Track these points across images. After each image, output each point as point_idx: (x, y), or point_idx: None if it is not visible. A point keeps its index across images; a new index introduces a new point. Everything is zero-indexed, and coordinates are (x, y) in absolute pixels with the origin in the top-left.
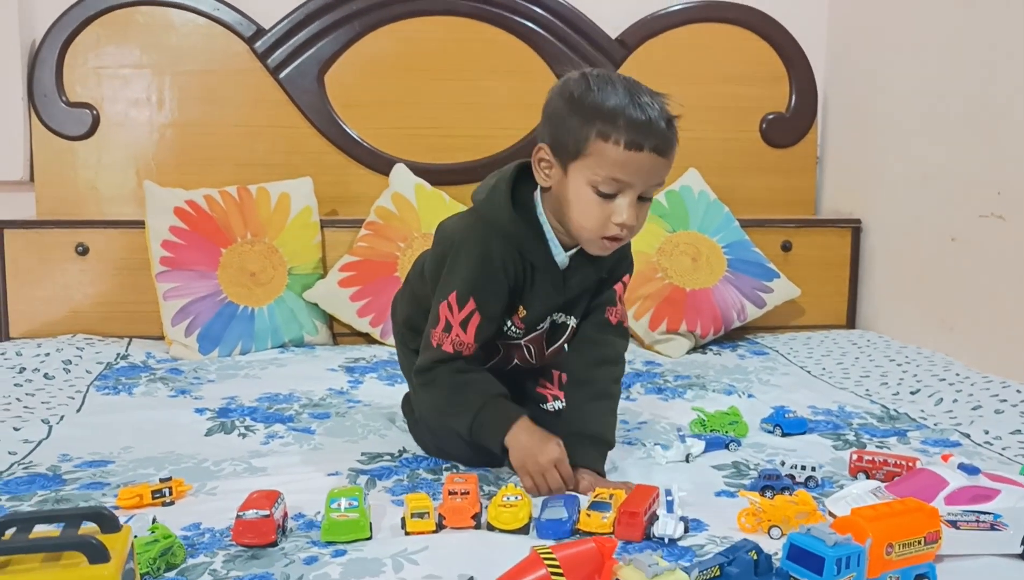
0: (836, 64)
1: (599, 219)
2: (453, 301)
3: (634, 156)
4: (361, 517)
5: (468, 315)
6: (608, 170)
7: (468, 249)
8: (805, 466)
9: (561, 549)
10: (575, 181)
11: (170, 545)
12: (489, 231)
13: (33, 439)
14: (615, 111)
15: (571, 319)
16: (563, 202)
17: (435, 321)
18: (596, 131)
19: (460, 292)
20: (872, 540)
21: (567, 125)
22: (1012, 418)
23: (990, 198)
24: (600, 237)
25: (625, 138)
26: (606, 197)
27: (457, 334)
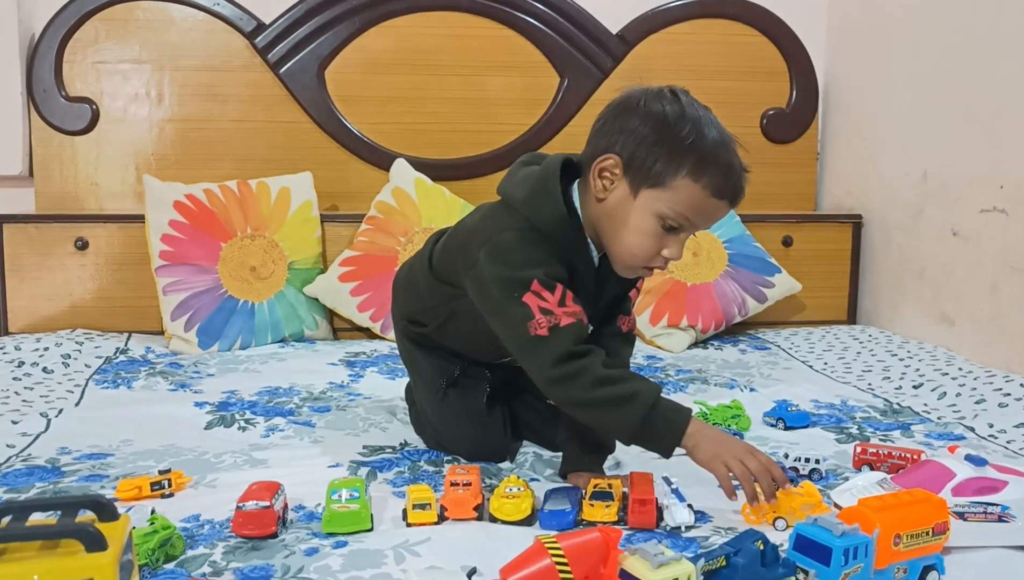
0: (836, 59)
1: (651, 249)
2: (539, 288)
3: (715, 203)
4: (362, 508)
5: (563, 294)
6: (685, 210)
7: (520, 245)
8: (809, 458)
9: (566, 538)
10: (643, 208)
11: (169, 536)
12: (533, 233)
13: (31, 432)
14: (711, 154)
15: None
16: (616, 221)
17: (526, 315)
18: (688, 169)
19: (541, 280)
20: (879, 531)
21: (655, 150)
22: (1016, 411)
23: (992, 192)
24: (644, 266)
25: (713, 185)
26: (667, 232)
27: (566, 310)
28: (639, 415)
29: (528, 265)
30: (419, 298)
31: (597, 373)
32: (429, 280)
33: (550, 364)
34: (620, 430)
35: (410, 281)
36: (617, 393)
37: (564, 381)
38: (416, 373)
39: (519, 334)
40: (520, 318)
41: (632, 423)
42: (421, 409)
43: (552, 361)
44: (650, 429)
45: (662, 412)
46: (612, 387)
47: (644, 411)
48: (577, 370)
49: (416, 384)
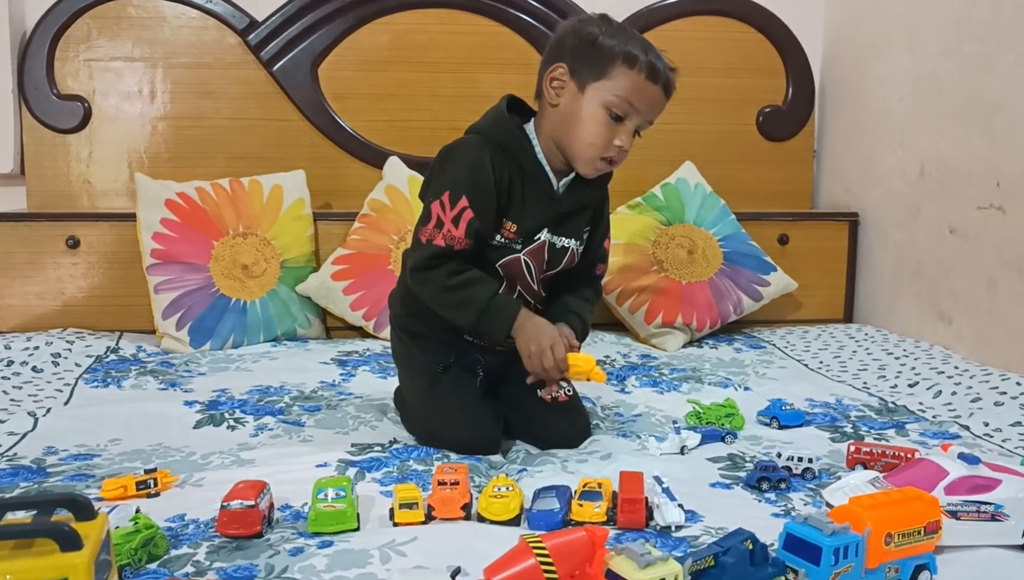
0: (832, 56)
1: (604, 138)
2: (446, 200)
3: (650, 87)
4: (348, 508)
5: (460, 212)
6: (626, 93)
7: (459, 155)
8: (802, 458)
9: (551, 538)
10: (591, 100)
11: (152, 536)
12: (481, 141)
13: (18, 431)
14: (641, 46)
15: (570, 241)
16: (571, 118)
17: (426, 219)
18: (623, 57)
19: (452, 192)
20: (871, 530)
21: (595, 48)
22: (1012, 410)
23: (989, 190)
24: (599, 156)
25: (647, 69)
26: (615, 120)
27: (449, 229)
28: (475, 314)
29: (451, 172)
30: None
31: (442, 283)
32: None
33: (411, 268)
34: (463, 325)
35: (401, 286)
36: (457, 298)
37: (417, 285)
38: (409, 365)
39: (415, 229)
40: (422, 218)
41: (471, 320)
42: (412, 403)
43: (413, 266)
44: (485, 323)
45: (493, 310)
46: (452, 294)
47: (478, 312)
48: (426, 279)
49: (407, 377)
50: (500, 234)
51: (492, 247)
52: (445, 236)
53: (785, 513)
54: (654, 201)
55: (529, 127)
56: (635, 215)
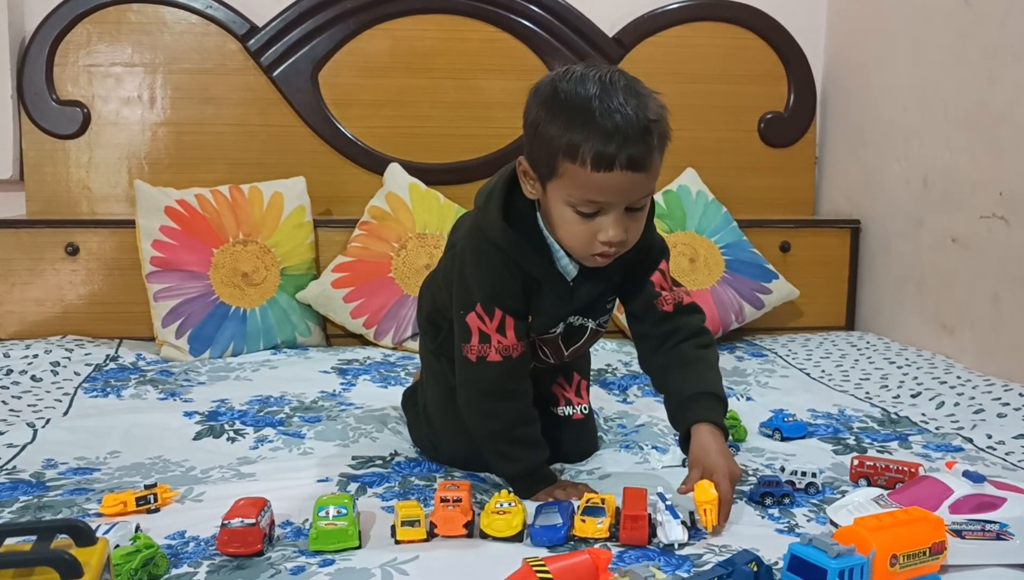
0: (835, 63)
1: (584, 237)
2: (481, 312)
3: (604, 177)
4: (350, 525)
5: (501, 321)
6: (581, 192)
7: (474, 260)
8: (805, 472)
9: (554, 561)
10: (554, 200)
11: (152, 555)
12: (488, 244)
13: (17, 443)
14: (583, 124)
15: (589, 322)
16: (549, 217)
17: (466, 335)
18: (563, 151)
19: (484, 303)
20: (876, 551)
21: (539, 141)
22: (1015, 422)
23: (991, 199)
24: (590, 254)
25: (592, 157)
26: (587, 217)
27: (499, 341)
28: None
29: (475, 284)
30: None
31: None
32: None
33: (472, 394)
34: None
35: (432, 281)
36: (507, 452)
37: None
38: (432, 372)
39: (459, 351)
40: (460, 334)
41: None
42: (425, 406)
43: (474, 392)
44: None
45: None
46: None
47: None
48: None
49: (430, 383)
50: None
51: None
52: (498, 349)
53: (789, 530)
54: (656, 209)
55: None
56: None
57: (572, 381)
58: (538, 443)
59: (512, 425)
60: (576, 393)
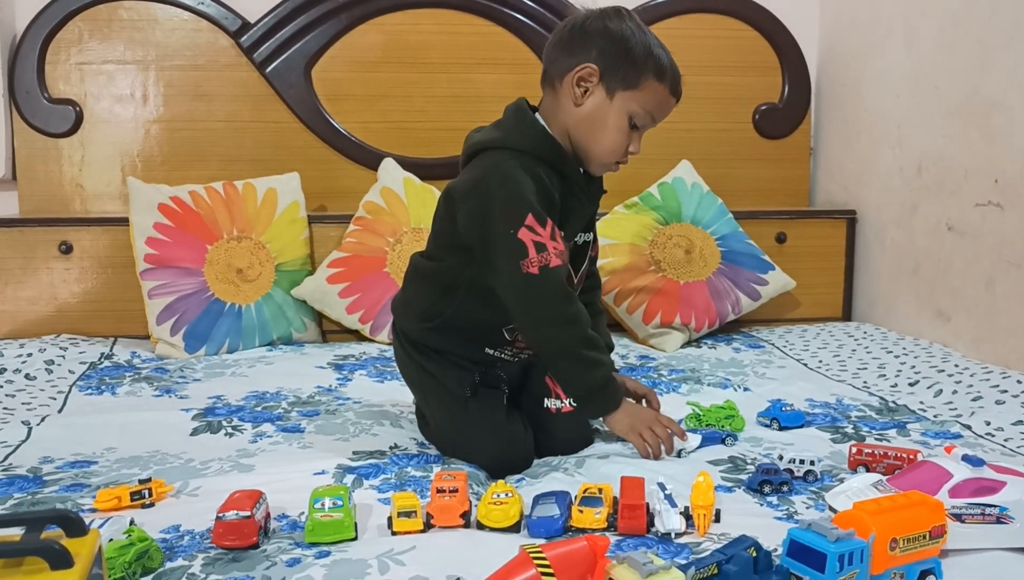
0: (829, 54)
1: (621, 146)
2: (533, 223)
3: (671, 100)
4: (346, 517)
5: (552, 229)
6: (652, 106)
7: (517, 176)
8: (804, 460)
9: (551, 548)
10: (618, 109)
11: (146, 548)
12: (526, 158)
13: (12, 442)
14: (666, 60)
15: (588, 235)
16: (595, 123)
17: (520, 251)
18: (654, 70)
19: (535, 214)
20: (875, 535)
21: (628, 56)
22: (1014, 409)
23: (987, 186)
24: (613, 161)
25: (671, 83)
26: (633, 129)
27: (554, 247)
28: (598, 383)
29: (523, 194)
30: (432, 283)
31: (585, 331)
32: (437, 257)
33: (547, 304)
34: (577, 386)
35: (417, 274)
36: (594, 357)
37: (560, 324)
38: (429, 391)
39: (513, 272)
40: (513, 253)
41: (591, 386)
42: (441, 429)
43: (550, 301)
44: (596, 397)
45: (611, 389)
46: (592, 350)
47: (603, 381)
48: (572, 317)
49: (430, 403)
50: None
51: None
52: (557, 254)
53: (788, 516)
54: (651, 201)
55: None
56: (632, 215)
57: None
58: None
59: (588, 327)
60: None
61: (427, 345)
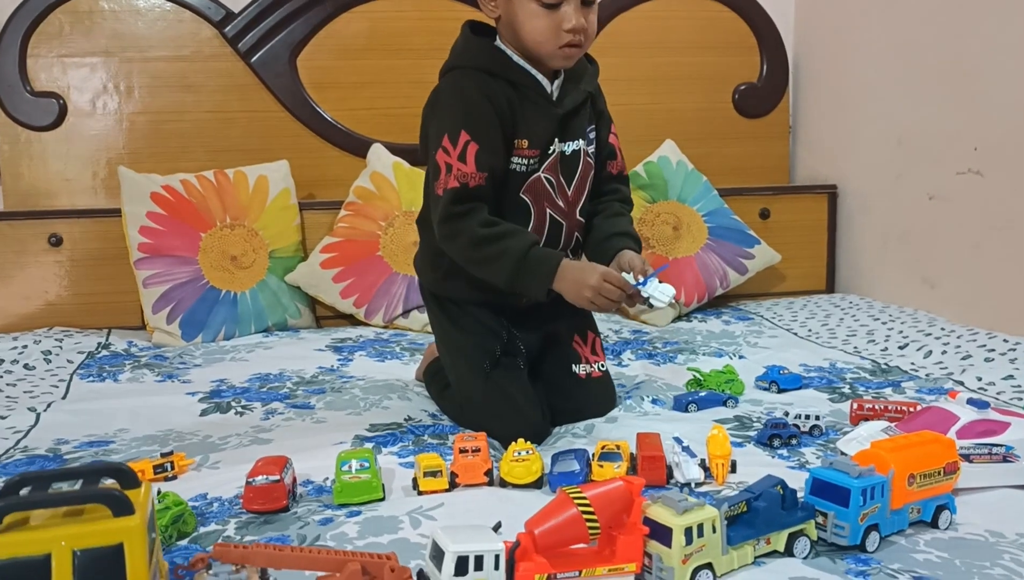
0: (805, 30)
1: (551, 29)
2: (447, 144)
3: None
4: (373, 478)
5: (463, 148)
6: None
7: (446, 97)
8: (809, 415)
9: (590, 488)
10: (519, 2)
11: (181, 512)
12: (463, 75)
13: (22, 427)
14: None
15: (579, 143)
16: (515, 27)
17: (435, 172)
18: None
19: (450, 132)
20: (895, 471)
21: None
22: (1002, 365)
23: (967, 155)
24: (558, 47)
25: None
26: (551, 8)
27: (459, 168)
28: (508, 268)
29: (446, 115)
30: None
31: (473, 234)
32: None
33: (437, 223)
34: (498, 282)
35: (420, 224)
36: (490, 252)
37: (446, 239)
38: (453, 353)
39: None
40: (432, 175)
41: (505, 275)
42: (461, 396)
43: (439, 220)
44: (522, 277)
45: (532, 262)
46: (486, 247)
47: (513, 264)
48: (456, 231)
49: (453, 364)
50: (516, 156)
51: (513, 174)
52: (457, 176)
53: (800, 466)
54: (637, 180)
55: (500, 45)
56: None
57: (587, 339)
58: (513, 232)
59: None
60: (592, 350)
61: (446, 297)
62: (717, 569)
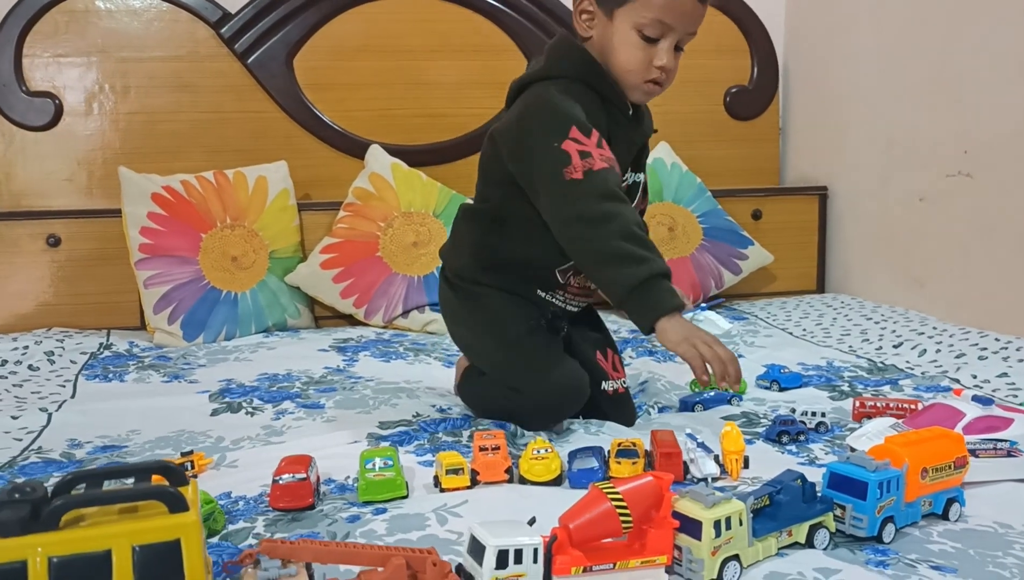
0: (795, 34)
1: (643, 62)
2: (577, 134)
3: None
4: (397, 476)
5: (599, 139)
6: (655, 12)
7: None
8: (815, 412)
9: (622, 483)
10: (621, 26)
11: (212, 511)
12: (564, 84)
13: (34, 427)
14: None
15: (641, 176)
16: (607, 50)
17: (563, 160)
18: None
19: (579, 125)
20: (909, 465)
21: None
22: (996, 363)
23: (957, 157)
24: (643, 81)
25: None
26: (649, 41)
27: (600, 153)
28: (642, 277)
29: (566, 110)
30: (481, 220)
31: (628, 225)
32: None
33: (587, 204)
34: (619, 285)
35: (465, 216)
36: (637, 252)
37: (597, 222)
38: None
39: (555, 181)
40: (557, 163)
41: (632, 282)
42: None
43: (590, 200)
44: (644, 295)
45: (661, 288)
46: (635, 245)
47: (648, 275)
48: (613, 213)
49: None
50: None
51: None
52: (603, 159)
53: (809, 462)
54: None
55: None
56: None
57: (608, 356)
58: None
59: (633, 224)
60: (614, 367)
61: (481, 281)
62: (744, 560)
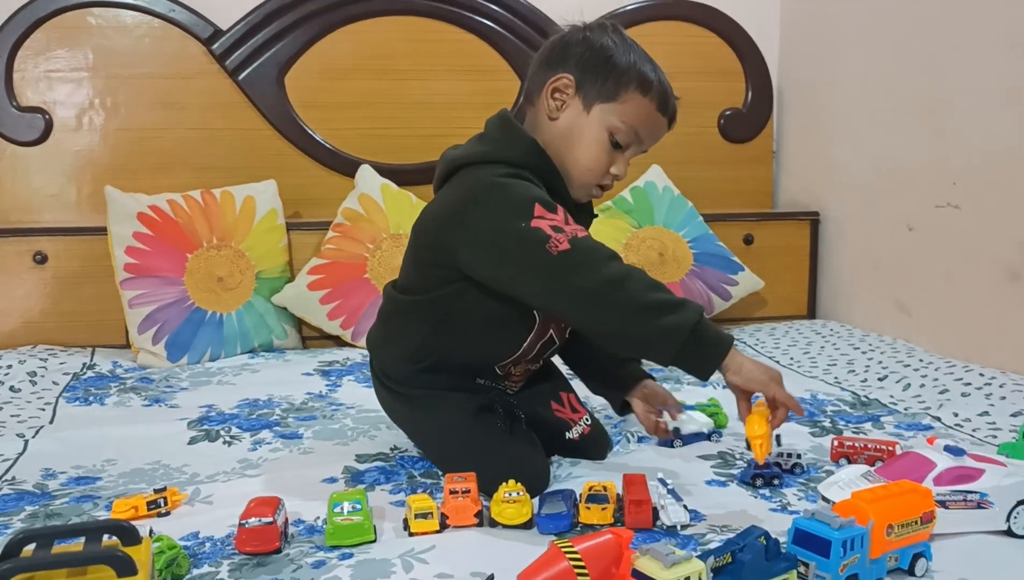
0: (789, 58)
1: (602, 166)
2: (543, 211)
3: (658, 118)
4: (365, 520)
5: (565, 214)
6: (635, 121)
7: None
8: (791, 454)
9: (580, 541)
10: (595, 122)
11: (175, 556)
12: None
13: (10, 455)
14: (654, 75)
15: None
16: (572, 138)
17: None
18: (636, 81)
19: (542, 202)
20: (874, 522)
21: (608, 65)
22: (978, 400)
23: (945, 188)
24: (595, 184)
25: (659, 100)
26: (616, 147)
27: (573, 226)
28: (691, 322)
29: (522, 191)
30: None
31: (645, 276)
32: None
33: (595, 269)
34: (670, 340)
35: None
36: (669, 299)
37: (617, 282)
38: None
39: (542, 261)
40: (537, 244)
41: (683, 331)
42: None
43: (596, 265)
44: (700, 340)
45: (709, 326)
46: (663, 293)
47: (696, 318)
48: (625, 269)
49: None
50: None
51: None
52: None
53: (782, 508)
54: (624, 205)
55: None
56: (606, 219)
57: (564, 400)
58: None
59: (645, 276)
60: (572, 409)
61: (415, 384)
62: None
